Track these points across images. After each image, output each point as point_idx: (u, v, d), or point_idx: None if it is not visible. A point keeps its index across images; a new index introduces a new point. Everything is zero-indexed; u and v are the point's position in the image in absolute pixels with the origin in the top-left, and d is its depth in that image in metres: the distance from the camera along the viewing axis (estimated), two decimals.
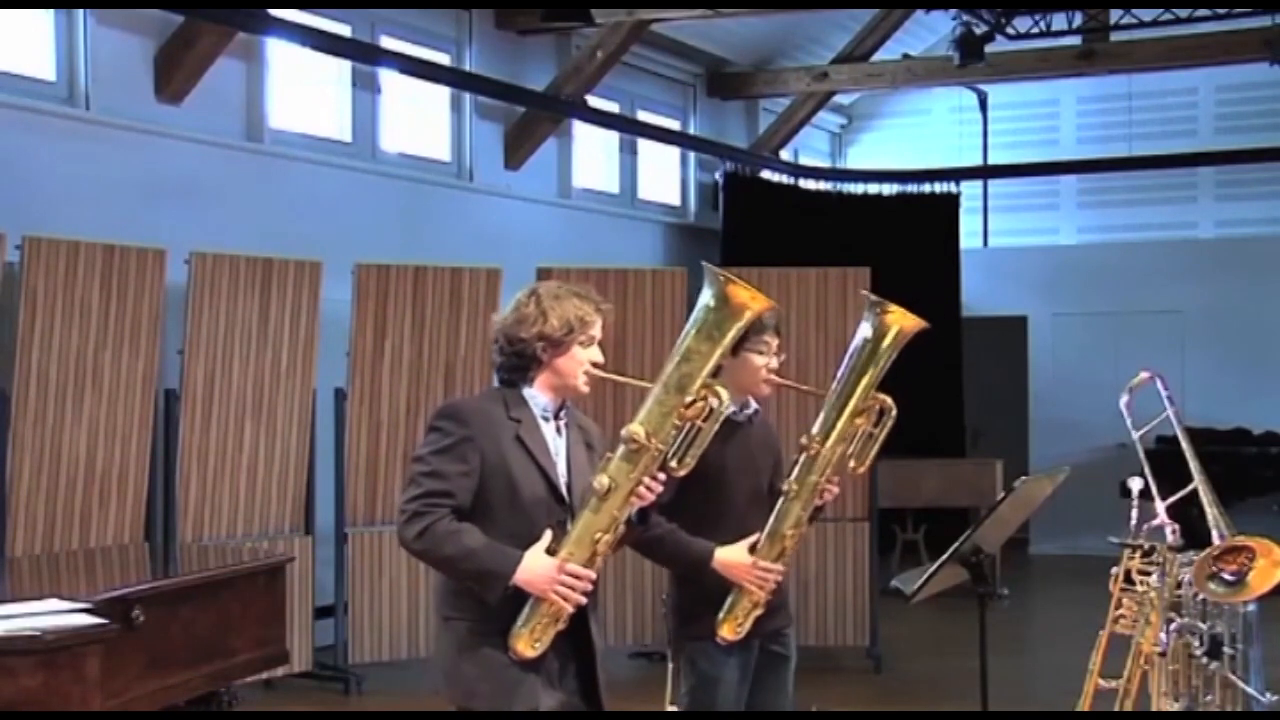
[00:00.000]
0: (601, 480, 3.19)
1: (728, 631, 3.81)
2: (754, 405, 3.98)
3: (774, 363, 3.94)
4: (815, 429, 3.86)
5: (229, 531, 7.00)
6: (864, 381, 3.86)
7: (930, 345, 13.39)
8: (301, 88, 8.40)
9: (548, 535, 3.21)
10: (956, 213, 12.23)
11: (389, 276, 7.46)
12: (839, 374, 3.90)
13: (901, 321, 3.90)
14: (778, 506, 3.89)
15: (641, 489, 3.21)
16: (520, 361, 3.33)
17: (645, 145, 11.30)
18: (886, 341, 3.88)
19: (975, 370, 12.38)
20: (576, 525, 3.23)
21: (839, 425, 3.84)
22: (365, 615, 7.41)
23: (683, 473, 3.27)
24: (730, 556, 3.81)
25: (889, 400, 3.90)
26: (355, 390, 7.40)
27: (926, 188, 12.24)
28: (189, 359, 6.79)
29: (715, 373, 3.32)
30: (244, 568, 4.94)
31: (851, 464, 3.90)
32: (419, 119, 9.33)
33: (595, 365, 3.37)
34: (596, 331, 3.37)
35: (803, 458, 3.86)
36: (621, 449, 3.21)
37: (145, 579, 4.99)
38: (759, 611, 3.84)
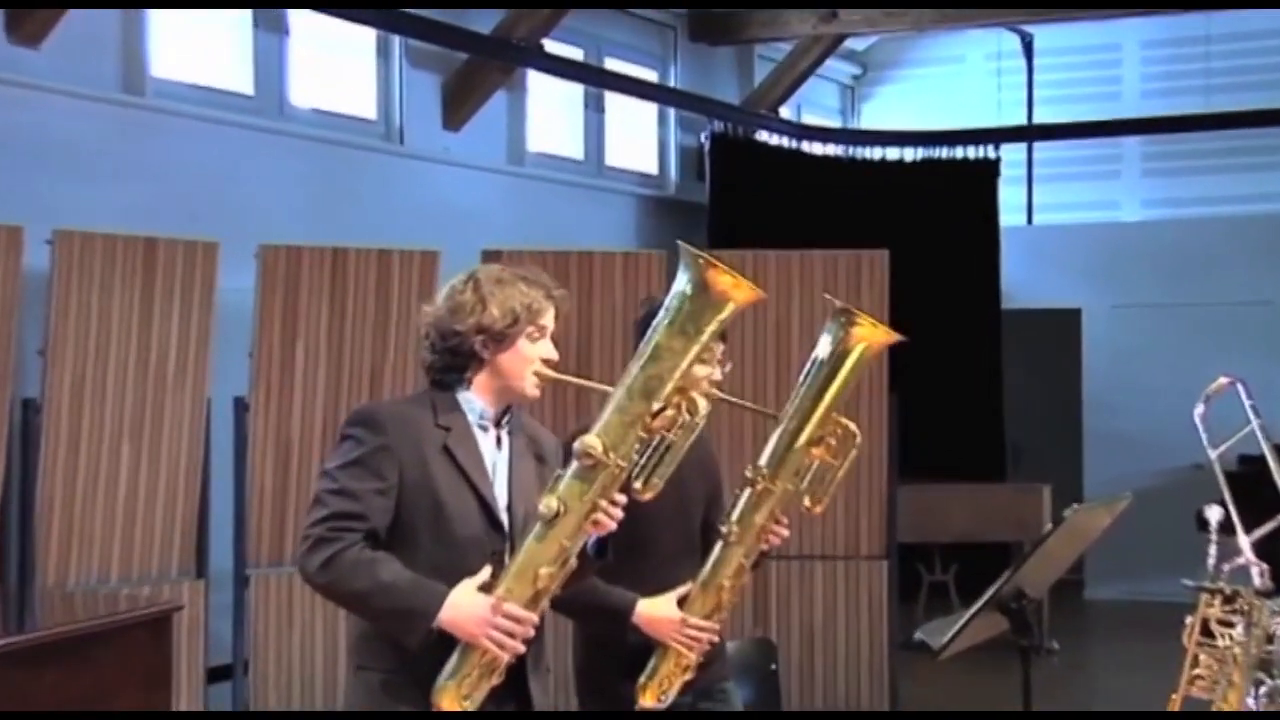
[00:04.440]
0: (549, 503, 3.20)
1: (650, 698, 3.85)
2: None
3: (718, 374, 3.99)
4: (763, 459, 3.89)
5: (101, 574, 6.97)
6: (822, 404, 3.90)
7: (963, 345, 13.48)
8: (191, 29, 8.38)
9: (485, 571, 3.23)
10: (995, 183, 12.29)
11: (301, 261, 7.46)
12: (794, 394, 3.93)
13: (870, 336, 3.94)
14: (715, 551, 3.93)
15: (598, 514, 3.23)
16: (454, 359, 3.39)
17: (615, 100, 11.30)
18: (850, 360, 3.93)
19: (1017, 375, 12.43)
20: (517, 557, 3.25)
21: (791, 456, 3.88)
22: (271, 676, 7.40)
23: (648, 495, 3.28)
24: (656, 611, 3.87)
25: (852, 426, 3.93)
26: (259, 400, 7.40)
27: (958, 152, 12.29)
28: (51, 362, 6.75)
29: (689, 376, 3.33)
30: (121, 619, 4.94)
31: (806, 502, 3.93)
32: (337, 68, 9.31)
33: (546, 363, 3.41)
34: (548, 322, 3.42)
35: (746, 494, 3.90)
36: (574, 466, 3.23)
37: None
38: (688, 676, 3.89)
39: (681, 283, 3.31)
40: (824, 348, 3.95)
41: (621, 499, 3.26)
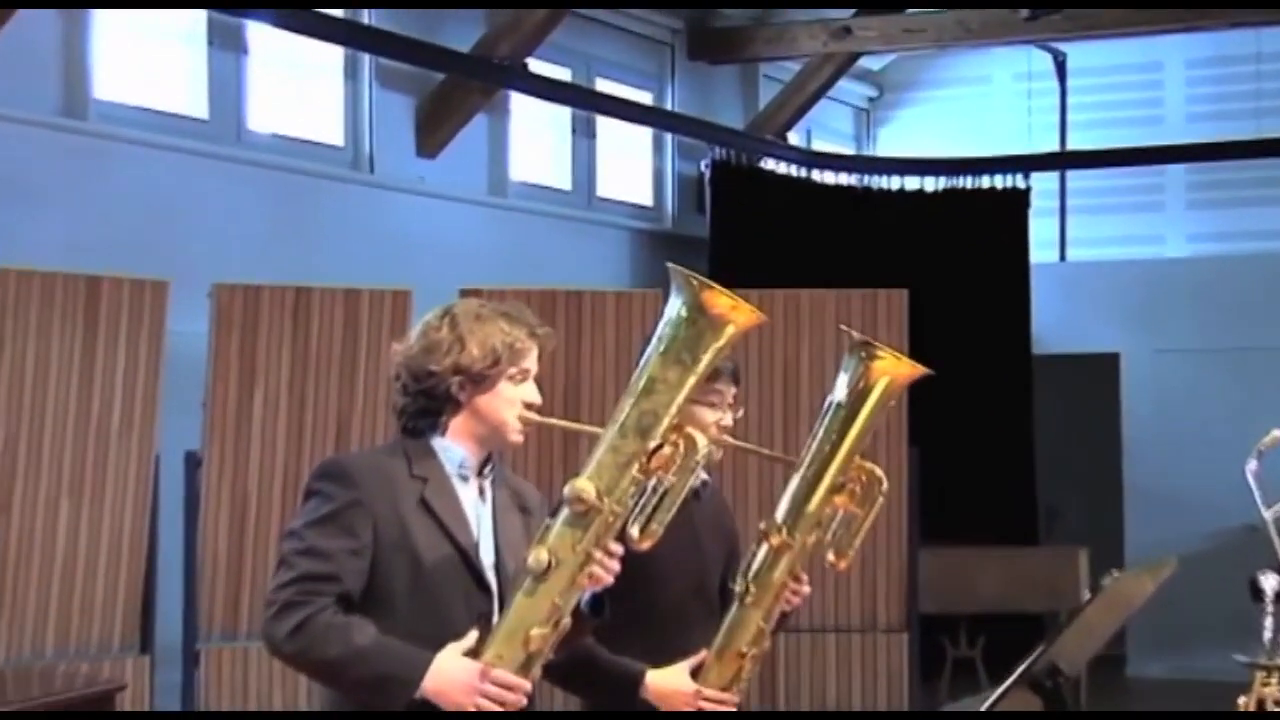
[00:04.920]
0: (539, 555, 3.21)
1: None
2: (703, 475, 4.03)
3: (729, 419, 4.03)
4: (780, 511, 3.91)
5: (35, 649, 6.94)
6: (843, 448, 3.92)
7: (990, 394, 13.48)
8: (140, 46, 8.40)
9: (472, 635, 3.24)
10: (1025, 215, 12.32)
11: (259, 301, 7.48)
12: (811, 438, 3.97)
13: (892, 370, 3.96)
14: (729, 614, 3.93)
15: (593, 566, 3.23)
16: (429, 403, 3.41)
17: (606, 125, 11.35)
18: (872, 397, 3.94)
19: (1050, 427, 12.42)
20: (506, 616, 3.26)
21: (811, 505, 3.90)
22: None
23: (647, 544, 3.28)
24: (668, 683, 3.87)
25: (878, 471, 3.96)
26: (213, 455, 7.40)
27: (984, 182, 12.33)
28: None
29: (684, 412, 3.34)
30: (57, 700, 4.90)
31: (830, 558, 3.95)
32: (300, 89, 9.36)
33: (530, 407, 3.43)
34: (531, 364, 3.45)
35: (762, 550, 3.91)
36: (565, 513, 3.23)
37: None
38: None
39: (674, 308, 3.32)
40: (842, 386, 3.98)
41: (618, 549, 3.26)
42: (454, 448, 3.42)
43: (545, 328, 3.49)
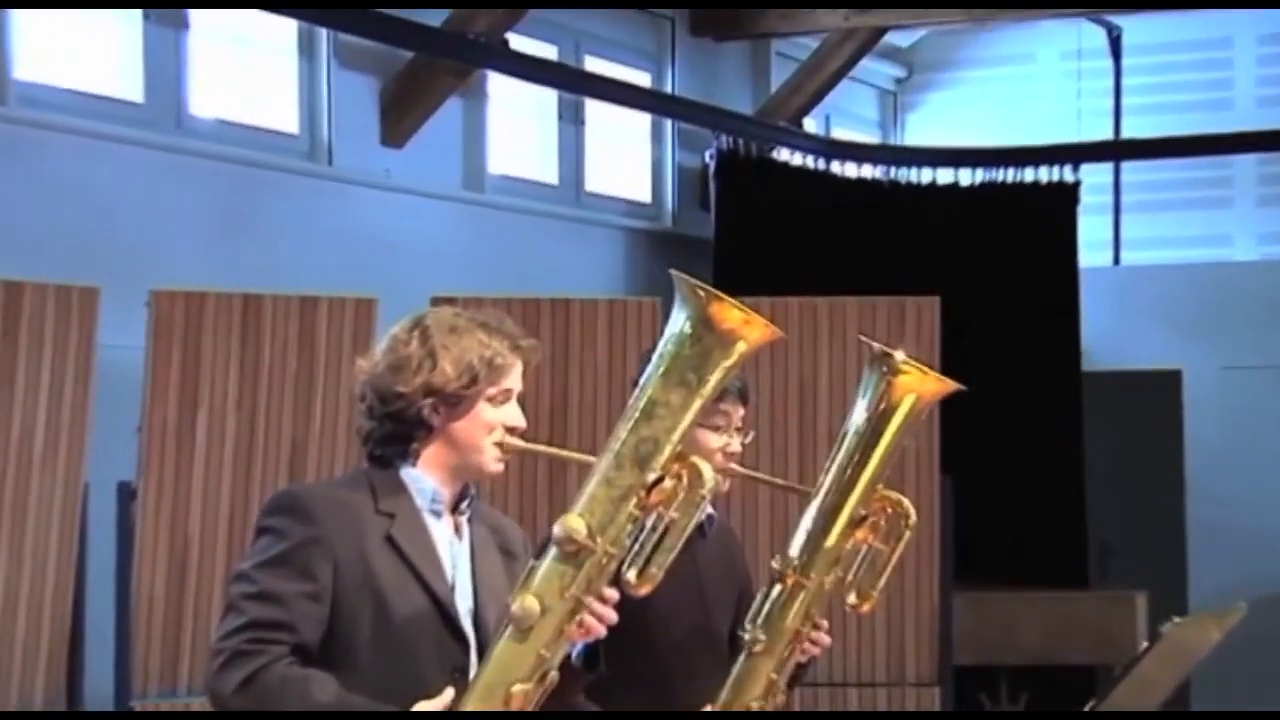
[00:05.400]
0: (525, 603, 3.20)
1: None
2: (708, 509, 4.02)
3: (736, 444, 4.11)
4: (794, 548, 3.94)
5: None
6: (865, 475, 3.95)
7: (1034, 416, 13.52)
8: (67, 22, 8.39)
9: (448, 693, 3.24)
10: (1073, 213, 12.27)
11: (203, 310, 7.46)
12: (828, 463, 4.00)
13: (919, 386, 3.99)
14: (737, 665, 3.96)
15: (584, 615, 3.23)
16: (397, 428, 3.43)
17: (597, 110, 11.35)
18: (897, 417, 3.98)
19: (1103, 453, 12.39)
20: (484, 670, 3.25)
21: (829, 541, 3.92)
22: None
23: (645, 589, 3.28)
24: None
25: (905, 502, 4.00)
26: (150, 485, 7.38)
27: (1027, 175, 12.28)
28: None
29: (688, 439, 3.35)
30: None
31: (851, 600, 4.01)
32: (248, 69, 9.35)
33: (512, 431, 3.45)
34: (514, 382, 3.47)
35: (774, 591, 3.94)
36: (553, 553, 3.23)
37: None
38: None
39: (678, 322, 3.33)
40: (862, 406, 4.00)
41: (612, 594, 3.27)
42: (426, 479, 3.44)
43: (530, 340, 3.51)
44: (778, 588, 3.93)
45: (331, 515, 3.34)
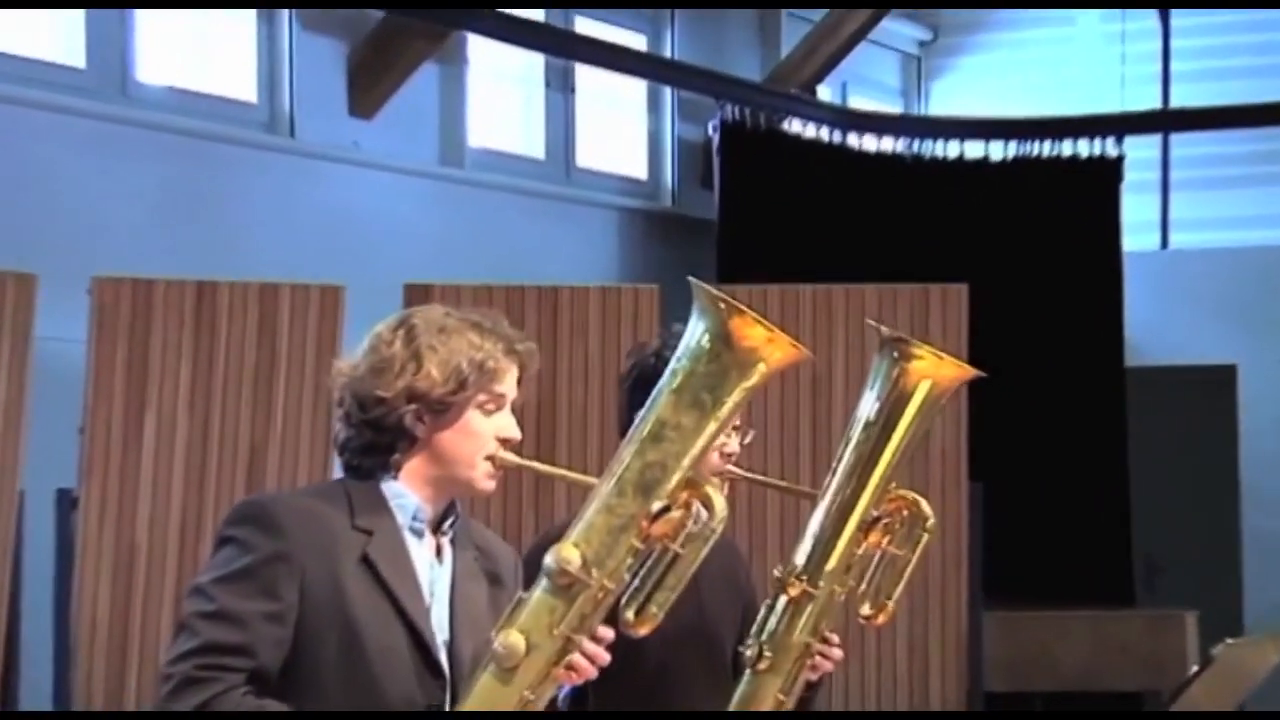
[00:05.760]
0: (509, 639, 3.19)
1: None
2: None
3: (734, 443, 4.11)
4: (799, 554, 3.96)
5: None
6: (876, 472, 3.98)
7: (1073, 417, 13.49)
8: None
9: None
10: (1116, 191, 12.29)
11: (152, 299, 7.46)
12: (835, 461, 4.03)
13: (934, 372, 4.02)
14: (741, 684, 4.00)
15: (575, 656, 3.22)
16: (378, 437, 3.42)
17: (589, 78, 11.34)
18: (911, 407, 4.01)
19: (1149, 457, 12.38)
20: (462, 708, 3.25)
21: (839, 546, 3.95)
22: None
23: (644, 630, 3.29)
24: None
25: (922, 503, 4.04)
26: (93, 493, 7.37)
27: (1065, 148, 12.28)
28: None
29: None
30: None
31: (864, 611, 4.04)
32: (202, 33, 9.33)
33: (506, 443, 3.44)
34: (508, 388, 3.46)
35: (780, 603, 3.97)
36: (544, 585, 3.23)
37: None
38: None
39: (696, 334, 3.33)
40: (872, 396, 4.03)
41: (607, 634, 3.26)
42: (408, 495, 3.43)
43: (528, 343, 3.50)
44: (783, 599, 3.95)
45: (302, 529, 3.33)
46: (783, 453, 7.98)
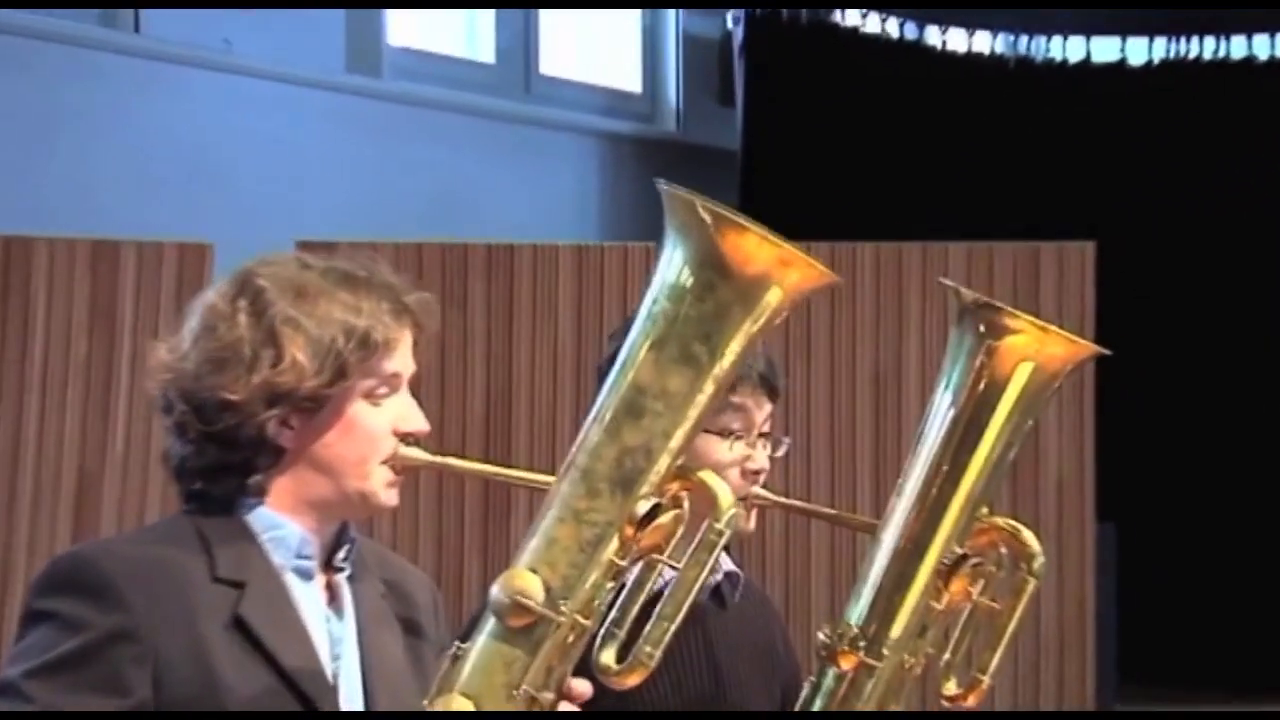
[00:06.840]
0: (455, 707, 3.22)
1: None
2: (727, 564, 4.36)
3: (761, 457, 4.34)
4: (854, 611, 4.02)
5: None
6: (958, 495, 4.00)
7: (1242, 428, 13.63)
8: None
9: None
10: None
11: None
12: (901, 480, 4.08)
13: (1037, 350, 4.02)
14: None
15: None
16: (229, 455, 3.46)
17: None
18: (1005, 402, 4.02)
19: None
20: None
21: (909, 599, 3.98)
22: None
23: (632, 681, 3.28)
24: None
25: (1023, 533, 4.10)
26: None
27: (1235, 48, 12.26)
28: None
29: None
30: None
31: (948, 690, 4.11)
32: None
33: (407, 440, 3.48)
34: (403, 362, 3.53)
35: (828, 677, 4.04)
36: (492, 628, 3.24)
37: None
38: None
39: (674, 265, 3.30)
40: (950, 388, 4.04)
41: (584, 689, 3.30)
42: (285, 523, 3.47)
43: (419, 293, 3.54)
44: (832, 672, 3.99)
45: (147, 592, 3.32)
46: (834, 470, 7.97)
